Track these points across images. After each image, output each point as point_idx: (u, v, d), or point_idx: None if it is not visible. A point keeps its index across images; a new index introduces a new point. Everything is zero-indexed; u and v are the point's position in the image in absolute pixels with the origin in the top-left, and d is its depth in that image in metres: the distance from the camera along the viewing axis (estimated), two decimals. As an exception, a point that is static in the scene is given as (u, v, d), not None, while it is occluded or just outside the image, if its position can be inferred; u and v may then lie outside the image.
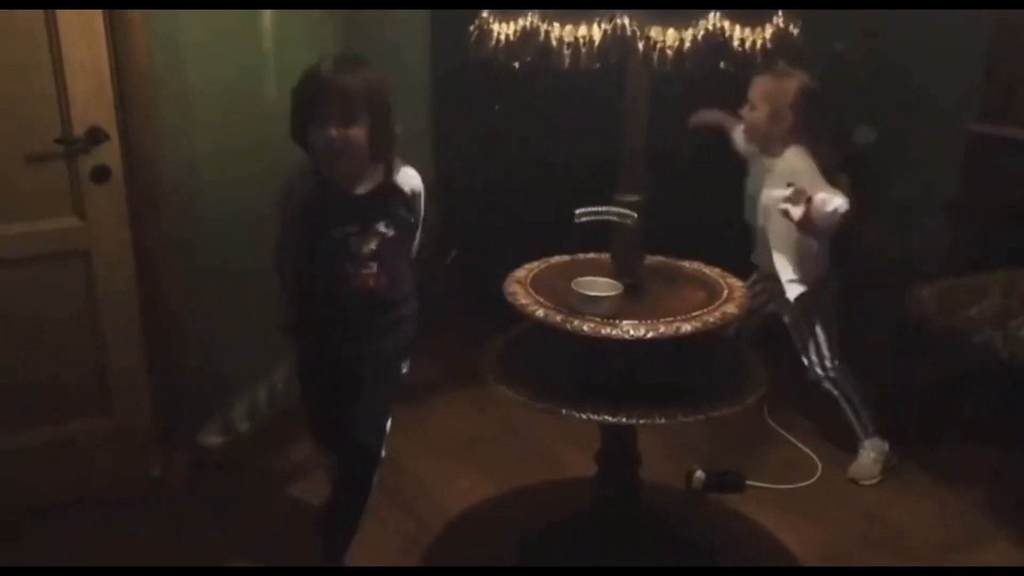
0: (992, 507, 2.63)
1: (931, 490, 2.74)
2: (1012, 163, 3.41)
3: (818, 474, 2.78)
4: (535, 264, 2.27)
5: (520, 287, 2.12)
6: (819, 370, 2.70)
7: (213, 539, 2.47)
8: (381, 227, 2.06)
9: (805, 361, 2.71)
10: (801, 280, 2.61)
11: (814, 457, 2.85)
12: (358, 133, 1.94)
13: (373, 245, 2.05)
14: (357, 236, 2.04)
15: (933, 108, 3.86)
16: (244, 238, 2.47)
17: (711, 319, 1.95)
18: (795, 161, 2.54)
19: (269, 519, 2.57)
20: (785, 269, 2.60)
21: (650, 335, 1.89)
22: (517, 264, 2.25)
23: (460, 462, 2.85)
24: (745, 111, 2.61)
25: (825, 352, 2.68)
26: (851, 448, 2.79)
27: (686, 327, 1.92)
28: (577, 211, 2.00)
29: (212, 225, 2.61)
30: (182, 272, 2.60)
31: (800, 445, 2.91)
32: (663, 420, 1.92)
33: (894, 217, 3.89)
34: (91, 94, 2.34)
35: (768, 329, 2.78)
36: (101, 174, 2.37)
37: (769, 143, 2.60)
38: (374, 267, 2.06)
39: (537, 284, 2.14)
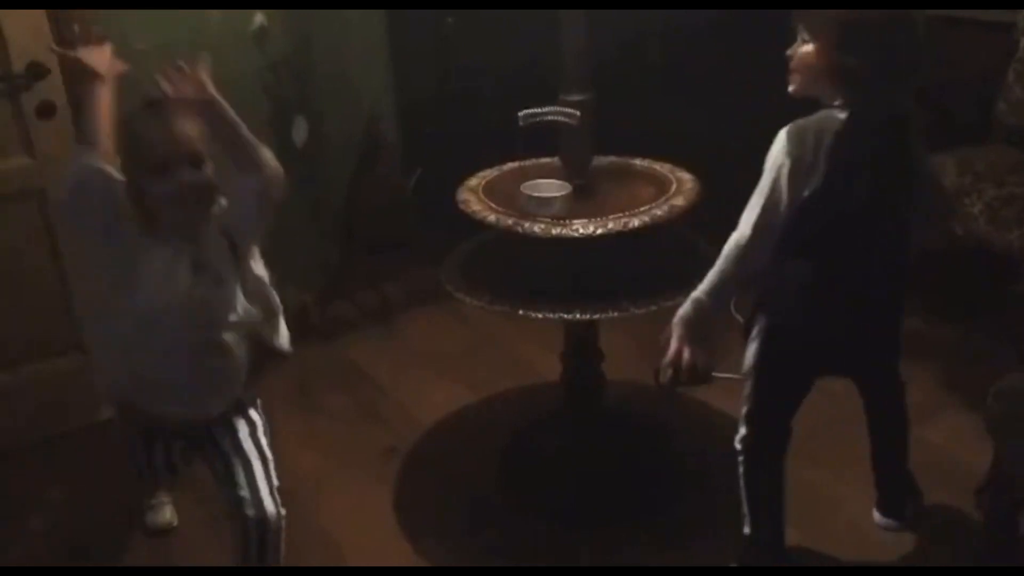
0: (946, 380, 2.71)
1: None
2: (967, 43, 3.40)
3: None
4: (488, 172, 2.29)
5: (472, 195, 2.14)
6: None
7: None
8: None
9: None
10: None
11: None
12: None
13: None
14: None
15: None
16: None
17: (659, 212, 1.98)
18: None
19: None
20: None
21: (599, 232, 1.92)
22: (480, 177, 2.26)
23: (434, 375, 2.91)
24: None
25: None
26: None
27: (634, 222, 1.95)
28: (520, 114, 2.01)
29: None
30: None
31: (765, 335, 2.96)
32: (616, 314, 1.97)
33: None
34: (27, 30, 2.30)
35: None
36: (46, 110, 2.36)
37: None
38: None
39: (490, 191, 2.16)
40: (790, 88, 1.78)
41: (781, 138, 1.68)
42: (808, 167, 1.66)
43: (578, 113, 2.03)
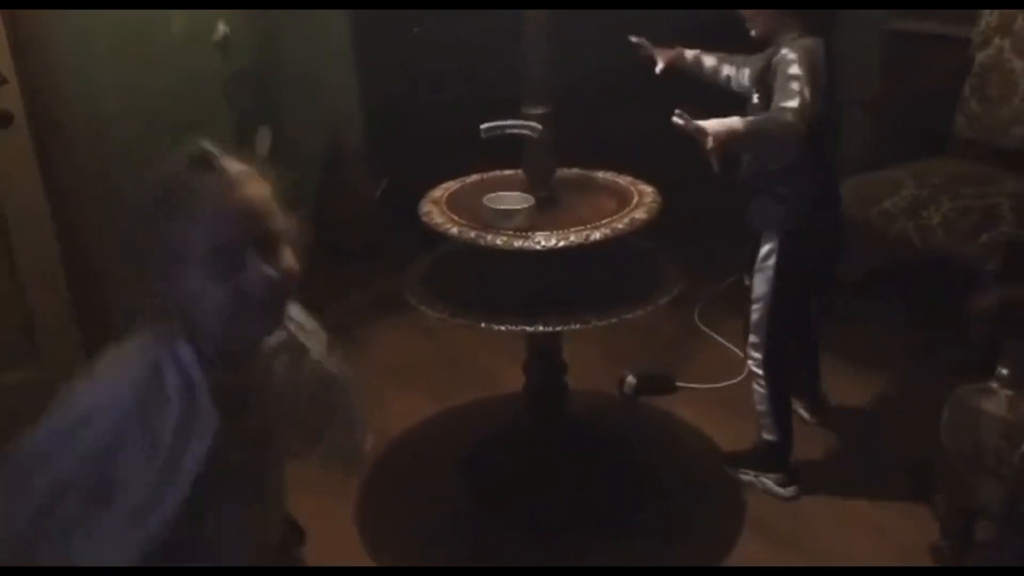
0: (907, 389, 2.75)
1: (855, 378, 2.84)
2: (924, 58, 3.46)
3: (746, 371, 2.87)
4: (451, 184, 2.29)
5: (435, 207, 2.14)
6: None
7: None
8: None
9: None
10: None
11: (742, 355, 2.93)
12: None
13: None
14: None
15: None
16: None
17: (620, 225, 1.99)
18: None
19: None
20: None
21: (561, 244, 1.93)
22: (446, 189, 2.26)
23: (399, 386, 2.89)
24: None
25: None
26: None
27: (595, 235, 1.96)
28: (482, 127, 2.01)
29: (124, 162, 2.57)
30: (100, 213, 2.57)
31: (728, 344, 2.99)
32: (578, 326, 1.97)
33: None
34: (-17, 38, 2.28)
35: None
36: (3, 119, 2.32)
37: None
38: None
39: (453, 203, 2.17)
40: (752, 33, 2.01)
41: (796, 55, 1.87)
42: (825, 85, 1.88)
43: (540, 126, 2.04)
